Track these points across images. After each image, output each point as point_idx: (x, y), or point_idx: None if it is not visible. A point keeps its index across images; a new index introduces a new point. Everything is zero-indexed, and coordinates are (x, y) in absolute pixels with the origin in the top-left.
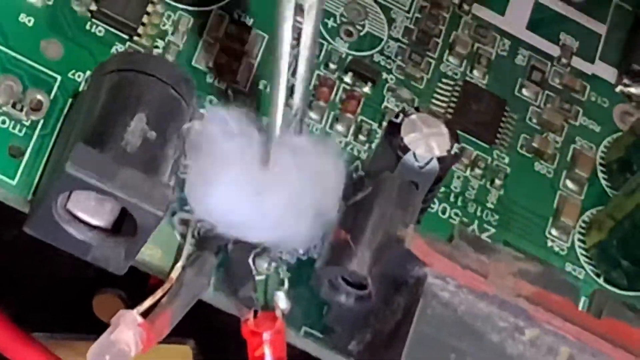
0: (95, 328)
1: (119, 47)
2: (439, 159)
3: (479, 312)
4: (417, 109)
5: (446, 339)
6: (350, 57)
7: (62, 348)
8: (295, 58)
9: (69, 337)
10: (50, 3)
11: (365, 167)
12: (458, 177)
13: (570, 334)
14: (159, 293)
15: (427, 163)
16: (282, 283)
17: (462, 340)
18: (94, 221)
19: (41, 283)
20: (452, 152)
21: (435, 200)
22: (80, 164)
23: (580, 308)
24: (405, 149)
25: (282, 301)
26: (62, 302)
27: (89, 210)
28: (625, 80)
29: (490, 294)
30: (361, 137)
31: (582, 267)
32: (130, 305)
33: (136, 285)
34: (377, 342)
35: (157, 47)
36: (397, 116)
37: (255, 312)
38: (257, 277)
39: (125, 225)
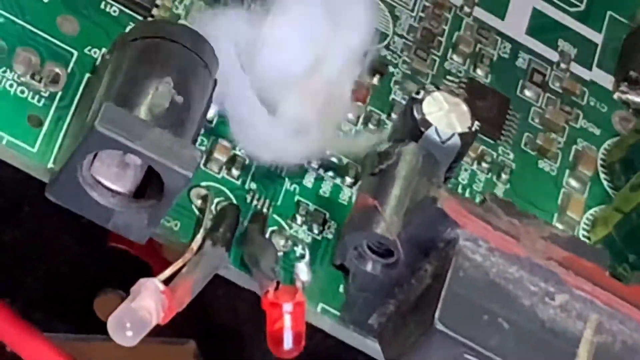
0: (96, 329)
1: None
2: (460, 135)
3: (510, 276)
4: (437, 87)
5: (478, 300)
6: None
7: (63, 348)
8: None
9: (70, 337)
10: None
11: (389, 138)
12: (465, 170)
13: (600, 299)
14: (179, 263)
15: (449, 138)
16: (302, 256)
17: (494, 303)
18: (116, 187)
19: (41, 283)
20: (473, 130)
21: None
22: (109, 123)
23: None
24: (427, 124)
25: (303, 273)
26: (62, 303)
27: (111, 177)
28: (623, 88)
29: (522, 256)
30: (371, 126)
31: None
32: None
33: None
34: (401, 312)
35: None
36: (418, 92)
37: (277, 285)
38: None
39: (148, 192)
